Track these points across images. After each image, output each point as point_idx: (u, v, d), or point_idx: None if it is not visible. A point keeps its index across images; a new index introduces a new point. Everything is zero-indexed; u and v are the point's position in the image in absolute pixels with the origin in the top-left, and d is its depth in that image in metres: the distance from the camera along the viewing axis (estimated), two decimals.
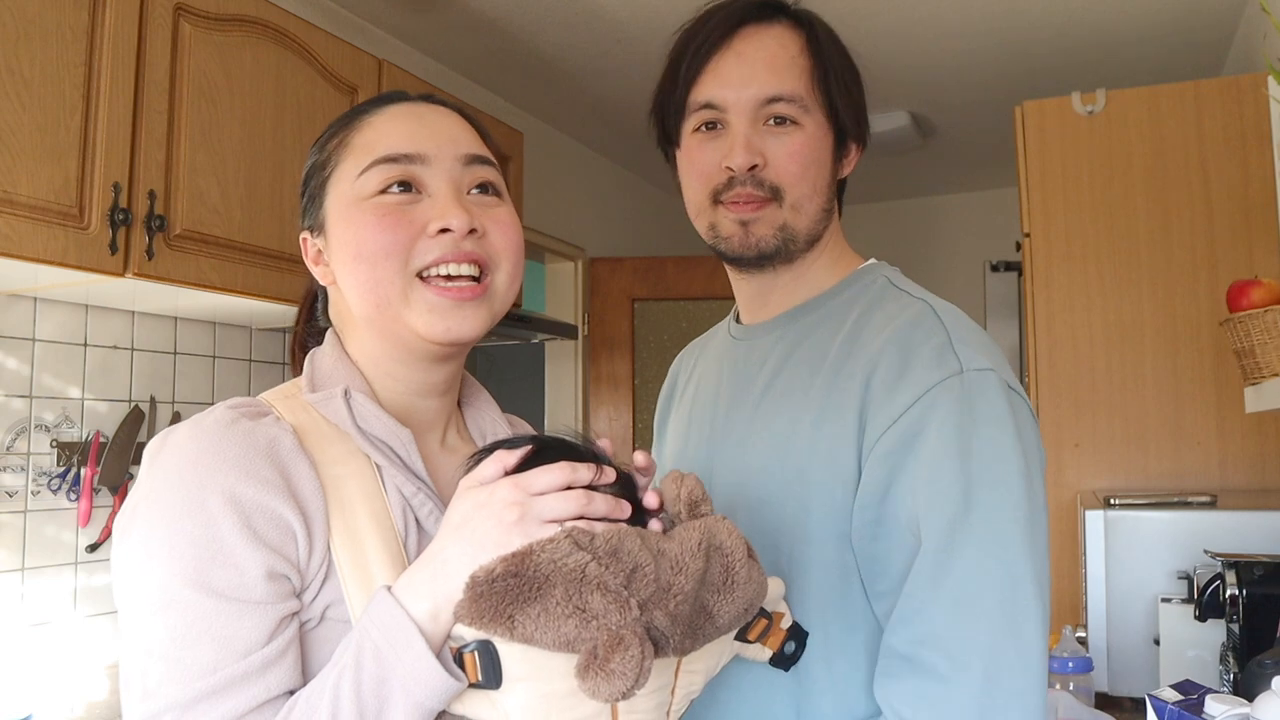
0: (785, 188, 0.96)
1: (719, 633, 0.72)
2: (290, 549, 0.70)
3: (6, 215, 1.46)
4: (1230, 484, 2.10)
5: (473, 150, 0.83)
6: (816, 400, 0.92)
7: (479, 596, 0.63)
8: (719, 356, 1.11)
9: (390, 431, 0.78)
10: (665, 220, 4.56)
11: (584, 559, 0.64)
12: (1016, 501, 0.82)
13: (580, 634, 0.63)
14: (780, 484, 0.92)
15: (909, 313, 0.92)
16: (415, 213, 0.79)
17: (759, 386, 1.00)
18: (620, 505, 0.72)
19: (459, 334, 0.79)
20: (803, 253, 1.00)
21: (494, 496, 0.69)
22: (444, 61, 3.02)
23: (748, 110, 0.95)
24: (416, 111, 0.84)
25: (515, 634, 0.64)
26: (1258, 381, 1.55)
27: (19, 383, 1.85)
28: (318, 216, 0.83)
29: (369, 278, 0.78)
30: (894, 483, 0.84)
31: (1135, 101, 2.24)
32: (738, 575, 0.71)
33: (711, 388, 1.08)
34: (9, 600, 1.81)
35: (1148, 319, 2.19)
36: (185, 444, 0.71)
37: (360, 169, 0.80)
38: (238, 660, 0.67)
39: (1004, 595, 0.79)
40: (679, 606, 0.67)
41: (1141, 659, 1.77)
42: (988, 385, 0.85)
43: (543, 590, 0.63)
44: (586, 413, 3.83)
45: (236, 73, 1.85)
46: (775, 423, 0.95)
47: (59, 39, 1.54)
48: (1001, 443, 0.83)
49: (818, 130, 0.97)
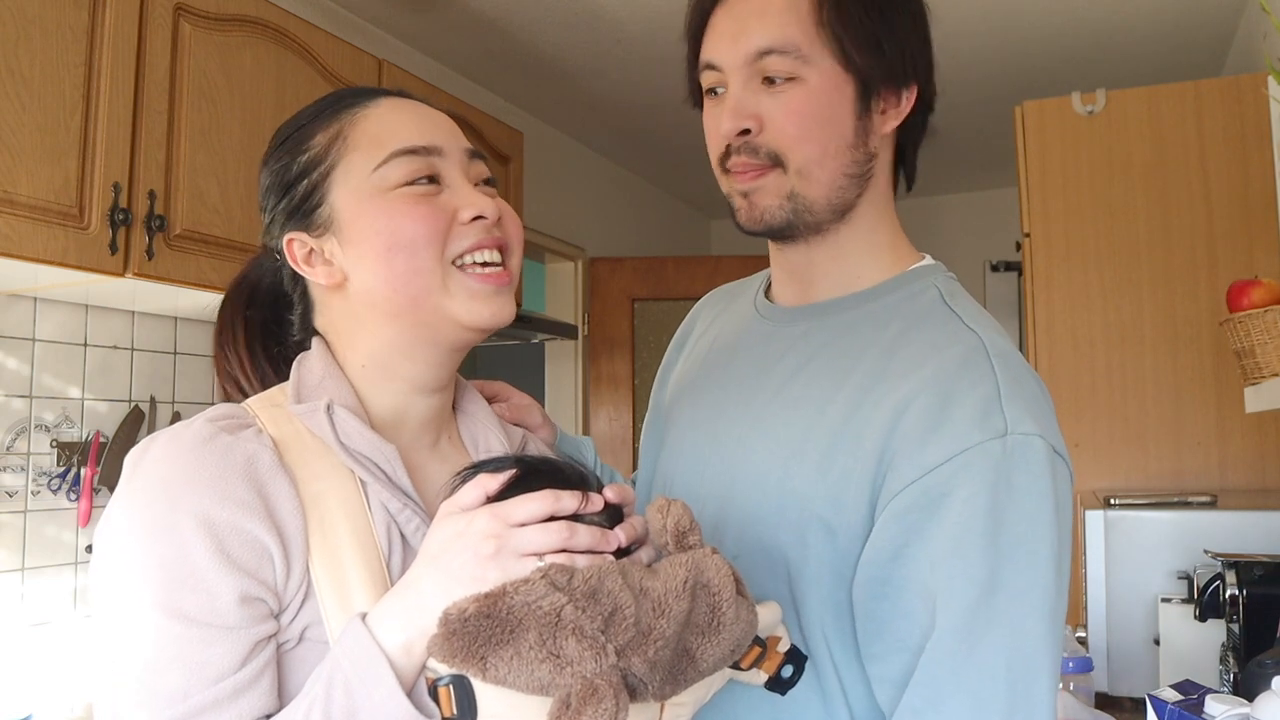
0: (785, 152, 0.84)
1: (701, 676, 0.68)
2: (266, 571, 0.68)
3: (6, 215, 1.46)
4: (1230, 484, 2.10)
5: (470, 145, 0.84)
6: (835, 419, 0.83)
7: (451, 635, 0.61)
8: (739, 327, 1.00)
9: (374, 447, 0.76)
10: (665, 220, 4.56)
11: (560, 601, 0.61)
12: (1045, 585, 0.75)
13: (555, 679, 0.61)
14: (775, 503, 0.84)
15: (958, 349, 0.82)
16: (442, 202, 0.79)
17: (773, 383, 0.90)
18: (607, 537, 0.69)
19: (502, 318, 0.79)
20: (831, 223, 0.88)
21: (471, 526, 0.67)
22: (444, 61, 3.02)
23: (740, 68, 0.85)
24: (410, 105, 0.83)
25: (488, 675, 0.61)
26: (1258, 381, 1.55)
27: (19, 383, 1.85)
28: (318, 215, 0.80)
29: (407, 267, 0.77)
30: (909, 544, 0.76)
31: (1135, 101, 2.24)
32: (724, 616, 0.67)
33: (725, 365, 0.98)
34: (9, 600, 1.80)
35: (1148, 319, 2.19)
36: (161, 461, 0.70)
37: (378, 161, 0.78)
38: (209, 686, 0.65)
39: (1017, 690, 0.74)
40: (659, 652, 0.63)
41: (1141, 659, 1.77)
42: (1031, 453, 0.76)
43: (515, 633, 0.61)
44: (586, 413, 3.83)
45: (236, 73, 1.85)
46: (782, 431, 0.86)
47: (59, 39, 1.54)
48: (1037, 519, 0.75)
49: (825, 81, 0.84)
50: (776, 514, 0.84)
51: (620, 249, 4.04)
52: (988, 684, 0.74)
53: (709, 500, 0.90)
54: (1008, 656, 0.74)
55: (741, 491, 0.87)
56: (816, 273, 0.93)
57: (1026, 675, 0.74)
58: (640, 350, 3.89)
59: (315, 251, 0.81)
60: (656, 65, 3.03)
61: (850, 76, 0.85)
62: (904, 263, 0.93)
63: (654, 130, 3.63)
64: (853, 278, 0.92)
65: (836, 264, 0.92)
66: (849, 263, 0.92)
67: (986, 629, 0.74)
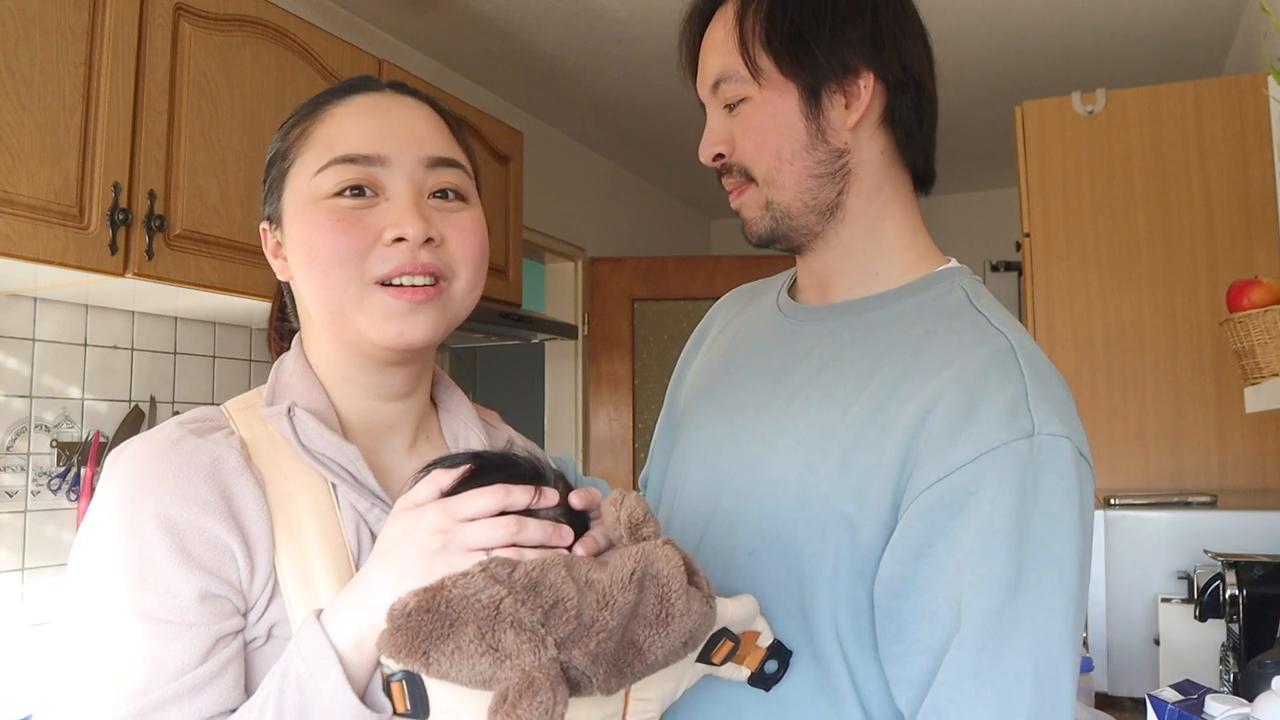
0: (750, 166, 0.90)
1: (650, 669, 0.67)
2: (229, 569, 0.69)
3: (6, 215, 1.46)
4: (1230, 484, 2.10)
5: (437, 152, 0.80)
6: (859, 417, 0.83)
7: (395, 630, 0.61)
8: (762, 326, 1.01)
9: (335, 449, 0.76)
10: (665, 220, 4.56)
11: (499, 593, 0.61)
12: (1069, 588, 0.75)
13: (495, 673, 0.60)
14: (796, 500, 0.83)
15: (986, 349, 0.82)
16: (371, 218, 0.76)
17: (796, 381, 0.90)
18: (559, 531, 0.68)
19: (410, 339, 0.76)
20: (822, 224, 0.90)
21: (420, 522, 0.67)
22: (444, 61, 3.02)
23: (708, 100, 0.92)
24: (381, 105, 0.80)
25: (431, 670, 0.61)
26: (1258, 381, 1.55)
27: (19, 383, 1.85)
28: (276, 208, 0.81)
29: (323, 283, 0.76)
30: (933, 543, 0.76)
31: (1135, 101, 2.24)
32: (674, 607, 0.65)
33: (745, 361, 0.98)
34: (9, 600, 1.81)
35: (1148, 319, 2.19)
36: (129, 462, 0.71)
37: (318, 166, 0.77)
38: (169, 681, 0.66)
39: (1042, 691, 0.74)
40: (602, 645, 0.62)
41: (1141, 659, 1.77)
42: (1059, 454, 0.76)
43: (455, 627, 0.60)
44: (586, 413, 3.83)
45: (236, 73, 1.85)
46: (804, 429, 0.86)
47: (59, 39, 1.54)
48: (1063, 521, 0.75)
49: (771, 93, 0.87)
50: (797, 510, 0.83)
51: (620, 249, 4.04)
52: (1013, 686, 0.73)
53: (724, 497, 0.90)
54: (1034, 658, 0.74)
55: (761, 488, 0.87)
56: (831, 272, 0.94)
57: (1052, 677, 0.74)
58: (640, 350, 3.89)
59: (279, 243, 0.82)
60: (656, 65, 3.03)
61: (789, 82, 0.87)
62: (927, 264, 0.92)
63: (654, 130, 3.63)
64: (870, 276, 0.92)
65: (848, 262, 0.92)
66: (860, 260, 0.92)
67: (1012, 630, 0.73)
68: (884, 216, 0.92)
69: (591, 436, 3.82)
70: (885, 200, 0.91)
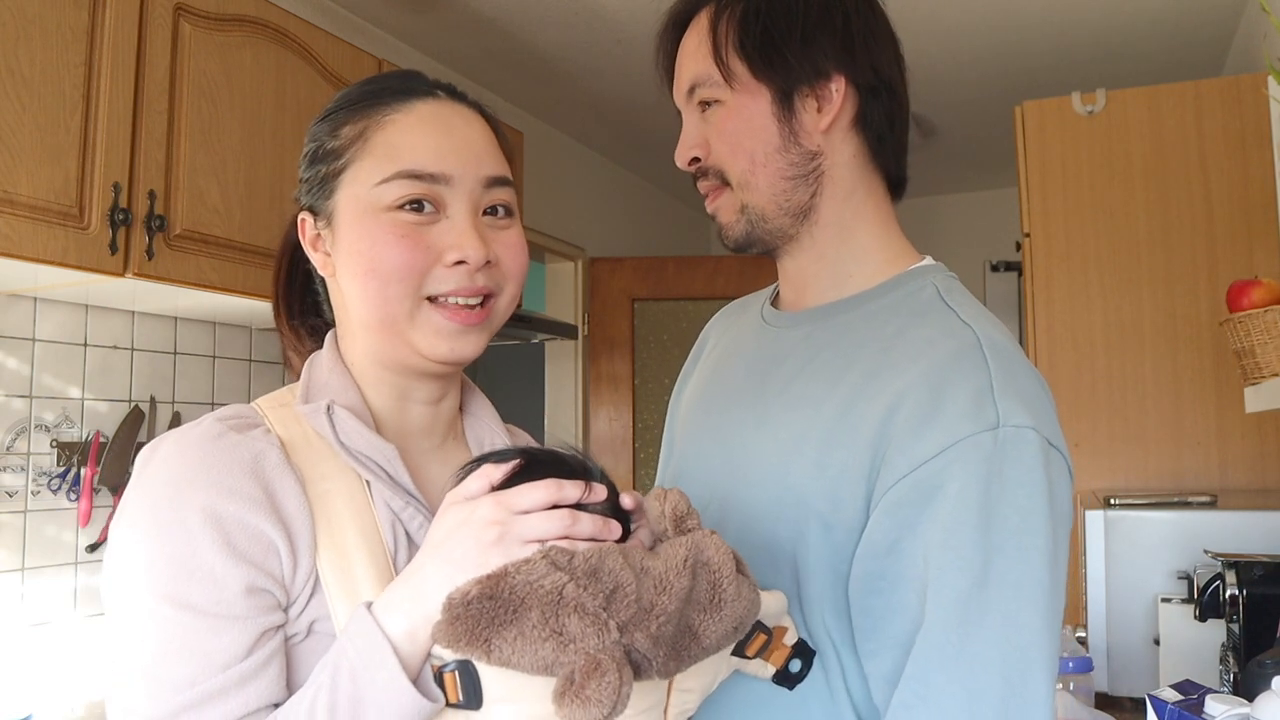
0: (725, 168, 0.91)
1: (705, 653, 0.68)
2: (273, 564, 0.70)
3: (6, 215, 1.46)
4: (1230, 484, 2.11)
5: (495, 171, 0.82)
6: (829, 417, 0.84)
7: (455, 620, 0.62)
8: (747, 336, 1.03)
9: (374, 447, 0.77)
10: (665, 220, 4.56)
11: (561, 580, 0.62)
12: (1039, 579, 0.74)
13: (558, 657, 0.61)
14: (774, 500, 0.85)
15: (953, 343, 0.82)
16: (432, 236, 0.77)
17: (775, 386, 0.91)
18: (609, 525, 0.69)
19: (460, 356, 0.79)
20: (795, 227, 0.92)
21: (475, 514, 0.68)
22: (444, 61, 3.02)
23: (684, 106, 0.94)
24: (443, 116, 0.81)
25: (492, 657, 0.62)
26: (1258, 381, 1.55)
27: (19, 383, 1.85)
28: (325, 206, 0.81)
29: (380, 294, 0.77)
30: (903, 539, 0.77)
31: (1135, 101, 2.24)
32: (725, 593, 0.67)
33: (730, 372, 1.00)
34: (9, 600, 1.81)
35: (1148, 319, 2.19)
36: (170, 458, 0.72)
37: (382, 177, 0.77)
38: (216, 674, 0.67)
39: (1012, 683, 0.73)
40: (662, 628, 0.64)
41: (1141, 659, 1.77)
42: (1024, 445, 0.76)
43: (518, 613, 0.61)
44: (586, 413, 3.83)
45: (236, 73, 1.85)
46: (783, 430, 0.87)
47: (59, 39, 1.54)
48: (1031, 512, 0.75)
49: (744, 97, 0.89)
50: (775, 512, 0.85)
51: (620, 249, 4.04)
52: (981, 677, 0.72)
53: (712, 501, 0.91)
54: (1001, 649, 0.73)
55: (743, 490, 0.88)
56: (807, 276, 0.95)
57: (1022, 668, 0.73)
58: (640, 350, 3.89)
59: (321, 237, 0.83)
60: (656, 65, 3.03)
61: (761, 85, 0.89)
62: (901, 264, 0.93)
63: (654, 130, 3.63)
64: (843, 278, 0.93)
65: (822, 265, 0.93)
66: (833, 263, 0.93)
67: (979, 621, 0.73)
68: (857, 219, 0.93)
69: (591, 436, 3.82)
70: (858, 203, 0.93)
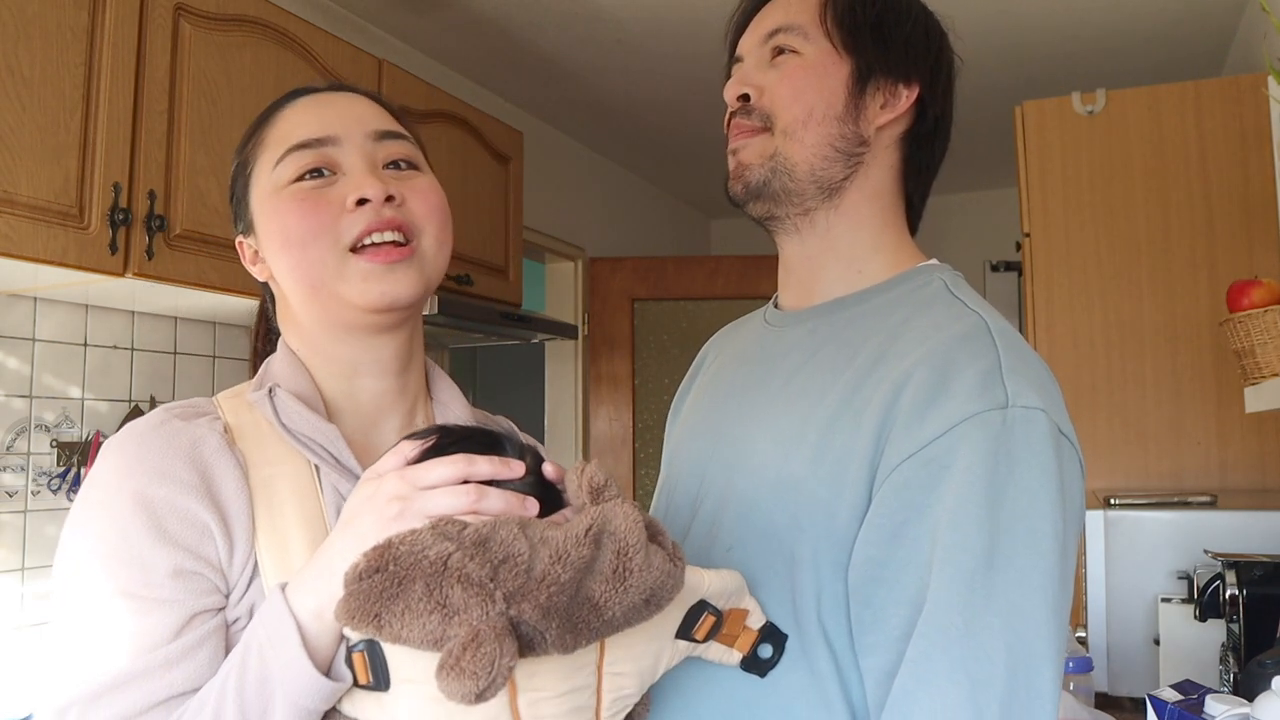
0: (776, 113, 0.90)
1: (610, 627, 0.64)
2: (207, 547, 0.71)
3: (6, 215, 1.46)
4: (1230, 484, 2.10)
5: (383, 126, 0.84)
6: (832, 405, 0.82)
7: (349, 595, 0.60)
8: (749, 342, 1.02)
9: (316, 429, 0.78)
10: (665, 220, 4.56)
11: (447, 549, 0.60)
12: (1048, 568, 0.71)
13: (445, 631, 0.58)
14: (772, 489, 0.83)
15: (959, 326, 0.81)
16: (333, 193, 0.80)
17: (778, 380, 0.90)
18: (524, 502, 0.67)
19: (394, 297, 0.79)
20: (814, 200, 0.90)
21: (380, 490, 0.67)
22: (444, 61, 3.02)
23: (754, 49, 0.93)
24: (324, 99, 0.85)
25: (384, 633, 0.60)
26: (1258, 381, 1.55)
27: (19, 383, 1.85)
28: (246, 217, 0.85)
29: (301, 259, 0.79)
30: (908, 523, 0.74)
31: (1135, 101, 2.24)
32: (632, 562, 0.63)
33: (731, 373, 0.99)
34: (9, 600, 1.81)
35: (1148, 319, 2.19)
36: (114, 448, 0.74)
37: (275, 160, 0.81)
38: (141, 655, 0.67)
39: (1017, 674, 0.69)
40: (553, 598, 0.60)
41: (1141, 659, 1.77)
42: (1034, 425, 0.74)
43: (404, 585, 0.59)
44: (586, 413, 3.83)
45: (236, 73, 1.85)
46: (783, 421, 0.85)
47: (59, 39, 1.54)
48: (1039, 496, 0.72)
49: (822, 58, 0.90)
50: (773, 499, 0.82)
51: (620, 249, 4.04)
52: (985, 665, 0.69)
53: (709, 496, 0.90)
54: (1007, 639, 0.70)
55: (741, 481, 0.87)
56: (815, 266, 0.94)
57: (1028, 661, 0.70)
58: (640, 350, 3.89)
59: (255, 249, 0.86)
60: (657, 65, 3.03)
61: (847, 58, 0.90)
62: (908, 263, 0.93)
63: (654, 130, 3.63)
64: (854, 273, 0.92)
65: (832, 255, 0.93)
66: (844, 255, 0.92)
67: (985, 606, 0.70)
68: (874, 218, 0.93)
69: (591, 436, 3.82)
70: (881, 207, 0.93)
